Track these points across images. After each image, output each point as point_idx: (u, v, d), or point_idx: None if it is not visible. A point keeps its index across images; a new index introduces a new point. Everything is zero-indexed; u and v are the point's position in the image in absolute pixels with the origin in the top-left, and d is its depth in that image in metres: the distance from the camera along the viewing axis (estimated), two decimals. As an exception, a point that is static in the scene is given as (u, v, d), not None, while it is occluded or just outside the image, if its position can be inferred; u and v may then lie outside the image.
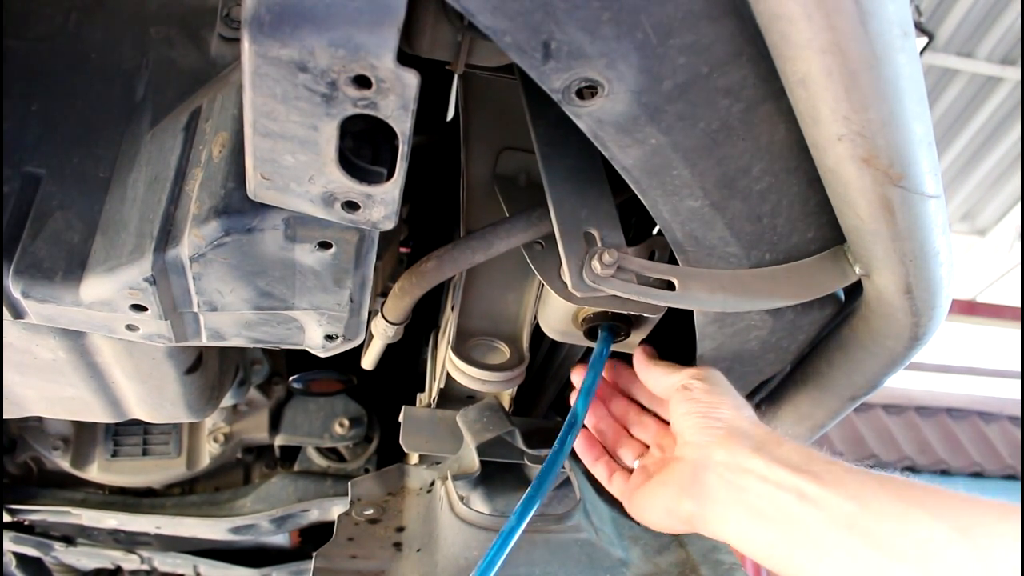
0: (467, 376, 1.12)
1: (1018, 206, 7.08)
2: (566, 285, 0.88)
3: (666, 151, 0.72)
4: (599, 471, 1.04)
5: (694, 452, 0.87)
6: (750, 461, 0.81)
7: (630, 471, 1.01)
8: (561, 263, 0.89)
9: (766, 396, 1.15)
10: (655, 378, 0.99)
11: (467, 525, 1.10)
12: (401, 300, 1.02)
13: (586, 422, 1.06)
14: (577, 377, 1.04)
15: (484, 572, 0.87)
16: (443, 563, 1.08)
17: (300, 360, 1.88)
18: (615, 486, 1.01)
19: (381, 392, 2.05)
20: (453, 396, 1.33)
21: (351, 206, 0.71)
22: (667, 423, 1.01)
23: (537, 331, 1.16)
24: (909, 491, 0.70)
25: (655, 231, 1.17)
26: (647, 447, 1.03)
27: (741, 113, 0.71)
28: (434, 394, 1.36)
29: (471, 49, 0.76)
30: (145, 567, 2.20)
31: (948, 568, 0.63)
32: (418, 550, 1.12)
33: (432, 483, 1.24)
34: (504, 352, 1.17)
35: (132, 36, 0.90)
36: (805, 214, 0.83)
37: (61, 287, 0.80)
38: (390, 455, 2.01)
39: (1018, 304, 6.84)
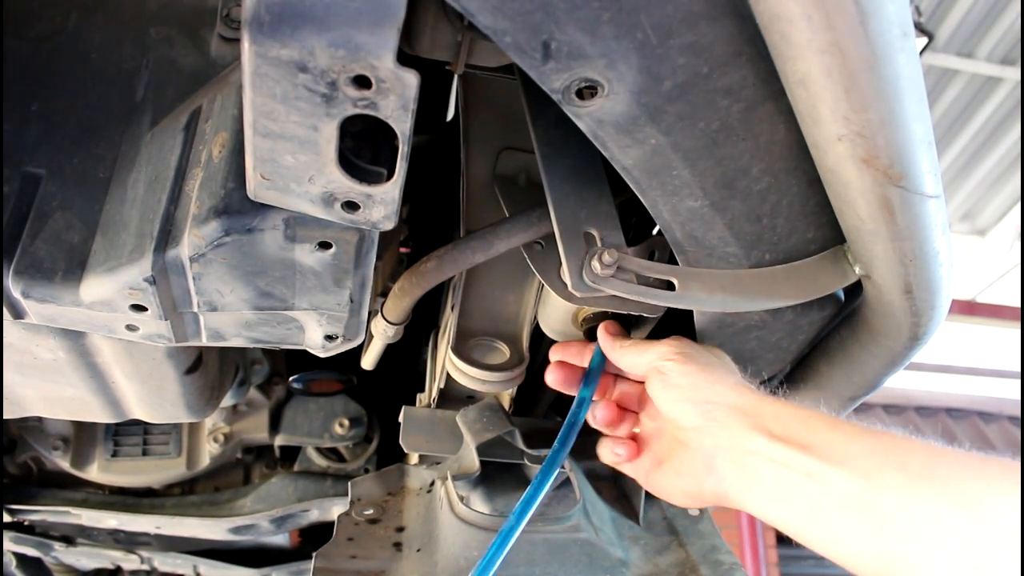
0: (467, 376, 1.12)
1: (1018, 206, 7.07)
2: (566, 285, 0.88)
3: (666, 151, 0.72)
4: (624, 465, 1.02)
5: (697, 438, 0.86)
6: (753, 442, 0.81)
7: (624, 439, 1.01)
8: (561, 263, 0.89)
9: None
10: (627, 360, 0.97)
11: (467, 525, 1.10)
12: (401, 300, 1.02)
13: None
14: (552, 377, 1.02)
15: (484, 571, 0.87)
16: (443, 563, 1.08)
17: (300, 360, 1.88)
18: (628, 468, 1.00)
19: (381, 392, 2.05)
20: (453, 396, 1.33)
21: (351, 206, 0.71)
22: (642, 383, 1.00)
23: (537, 331, 1.16)
24: (912, 459, 0.71)
25: (655, 231, 1.17)
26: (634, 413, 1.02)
27: (741, 113, 0.71)
28: (434, 394, 1.36)
29: (471, 49, 0.76)
30: (145, 567, 2.20)
31: (957, 544, 0.64)
32: (418, 550, 1.12)
33: (432, 483, 1.24)
34: (504, 352, 1.17)
35: (132, 36, 0.90)
36: (805, 214, 0.83)
37: (61, 287, 0.80)
38: (390, 455, 2.01)
39: (1018, 304, 6.84)
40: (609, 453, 0.98)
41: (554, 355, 1.05)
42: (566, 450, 0.94)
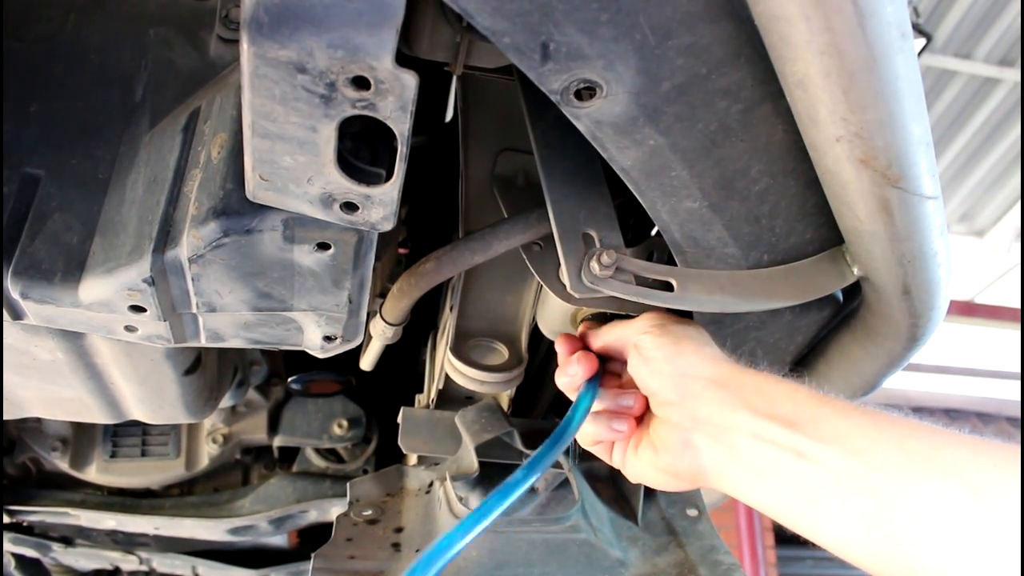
0: (465, 377, 1.12)
1: (1016, 207, 7.09)
2: (565, 286, 0.88)
3: (664, 152, 0.72)
4: (602, 450, 0.96)
5: (675, 414, 0.82)
6: (736, 417, 0.77)
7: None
8: (560, 264, 0.89)
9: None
10: (611, 340, 0.94)
11: (466, 526, 1.10)
12: (400, 301, 1.02)
13: None
14: (583, 366, 0.94)
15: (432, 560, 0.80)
16: (442, 564, 1.08)
17: (299, 361, 1.88)
18: (614, 457, 0.95)
19: (380, 393, 2.05)
20: (452, 397, 1.33)
21: (350, 207, 0.71)
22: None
23: (536, 332, 1.16)
24: (911, 439, 0.67)
25: (653, 232, 1.18)
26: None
27: (739, 114, 0.71)
28: (433, 395, 1.36)
29: (470, 50, 0.76)
30: (144, 568, 2.20)
31: (961, 527, 0.61)
32: (417, 551, 1.12)
33: (431, 484, 1.24)
34: (503, 353, 1.17)
35: (131, 37, 0.90)
36: (803, 215, 0.83)
37: (60, 288, 0.80)
38: (389, 456, 2.02)
39: (1016, 305, 6.85)
40: (607, 430, 0.92)
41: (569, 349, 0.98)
42: (556, 451, 0.89)
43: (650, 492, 1.29)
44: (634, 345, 0.89)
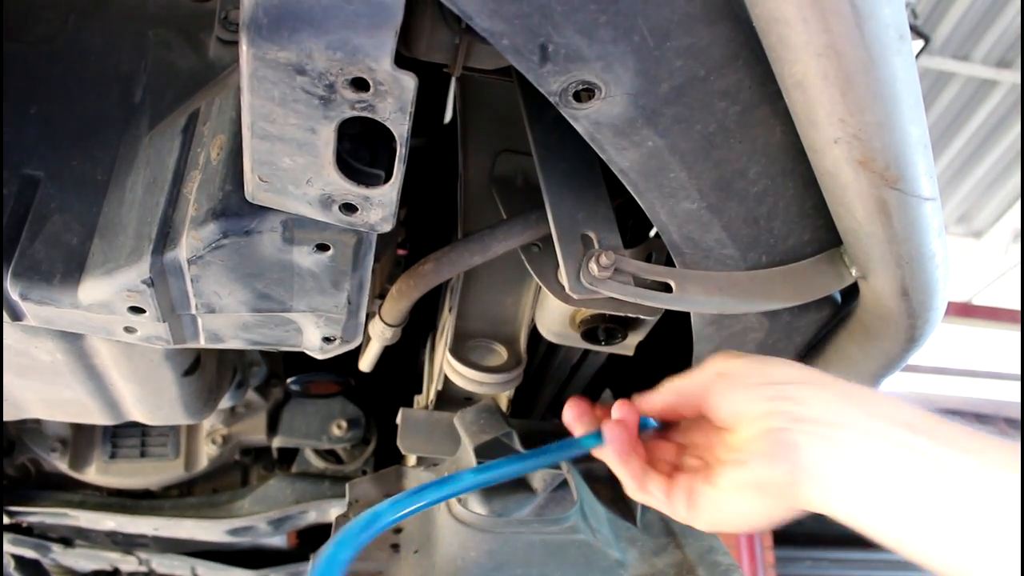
0: (464, 378, 1.12)
1: (1014, 208, 7.10)
2: (563, 287, 0.88)
3: (663, 153, 0.72)
4: (656, 494, 0.85)
5: (771, 420, 0.72)
6: (845, 414, 0.68)
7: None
8: (558, 265, 0.89)
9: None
10: (681, 391, 0.83)
11: (464, 526, 1.10)
12: (399, 302, 1.02)
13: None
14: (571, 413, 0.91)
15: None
16: (440, 564, 1.08)
17: (298, 362, 1.88)
18: (677, 505, 0.83)
19: (379, 394, 2.05)
20: (451, 398, 1.33)
21: (349, 208, 0.71)
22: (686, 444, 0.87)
23: (535, 333, 1.17)
24: None
25: (652, 233, 1.18)
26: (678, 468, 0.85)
27: (738, 116, 0.71)
28: (432, 396, 1.36)
29: (469, 52, 0.76)
30: (143, 569, 2.20)
31: None
32: (415, 551, 1.12)
33: (430, 485, 1.24)
34: (501, 354, 1.17)
35: (130, 39, 0.90)
36: (802, 216, 0.83)
37: (59, 289, 0.80)
38: (388, 457, 2.02)
39: (1014, 306, 6.85)
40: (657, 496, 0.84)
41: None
42: (514, 468, 0.88)
43: (649, 493, 1.29)
44: (717, 375, 0.79)
